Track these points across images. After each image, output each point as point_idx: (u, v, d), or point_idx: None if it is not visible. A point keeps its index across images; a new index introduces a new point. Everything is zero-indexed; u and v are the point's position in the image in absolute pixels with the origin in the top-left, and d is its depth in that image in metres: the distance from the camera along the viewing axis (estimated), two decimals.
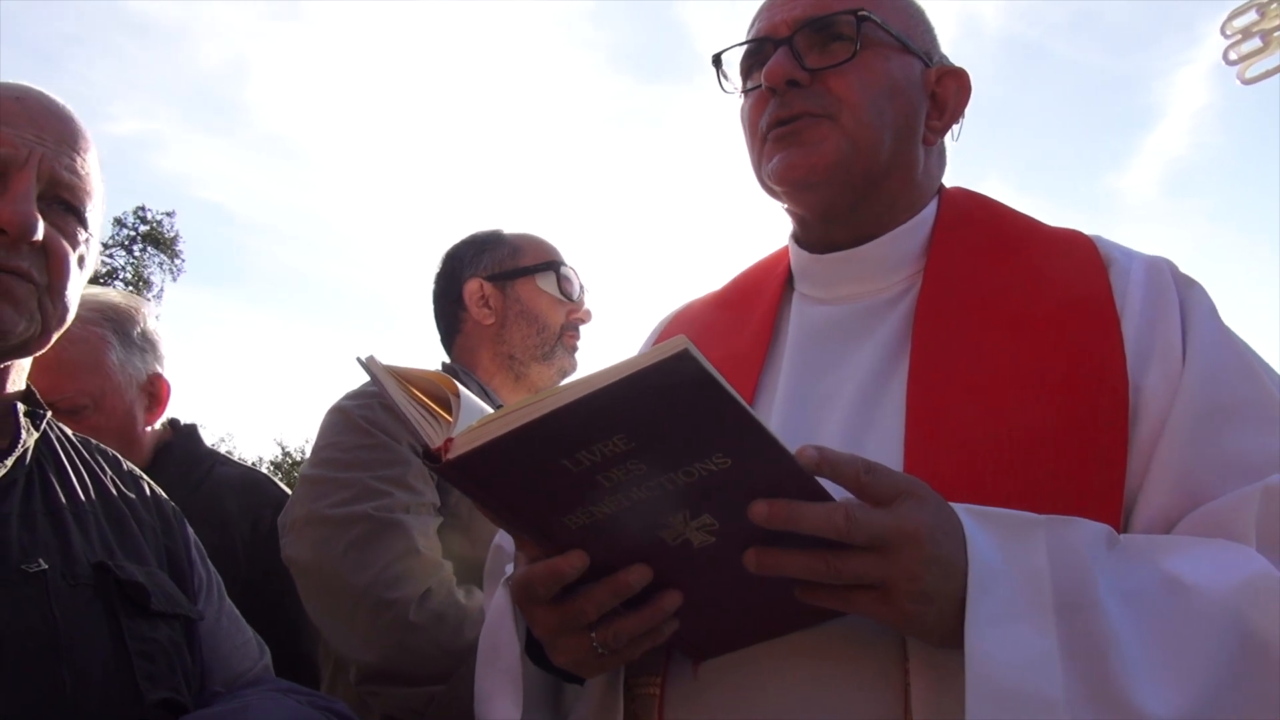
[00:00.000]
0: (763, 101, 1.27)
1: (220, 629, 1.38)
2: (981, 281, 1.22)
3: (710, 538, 0.93)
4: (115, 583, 1.21)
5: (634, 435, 0.83)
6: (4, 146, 1.18)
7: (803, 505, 0.88)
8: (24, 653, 1.09)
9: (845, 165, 1.23)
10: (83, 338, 2.01)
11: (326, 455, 1.93)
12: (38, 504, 1.22)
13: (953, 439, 1.09)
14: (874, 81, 1.24)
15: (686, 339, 0.78)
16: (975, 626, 0.91)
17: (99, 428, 2.00)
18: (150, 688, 1.18)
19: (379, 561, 1.77)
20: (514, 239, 2.25)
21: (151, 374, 2.15)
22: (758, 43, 1.29)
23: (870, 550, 0.90)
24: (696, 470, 0.86)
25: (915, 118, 1.29)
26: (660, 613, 0.99)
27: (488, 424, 0.86)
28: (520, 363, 2.16)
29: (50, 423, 1.33)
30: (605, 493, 0.89)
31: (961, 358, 1.15)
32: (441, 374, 0.97)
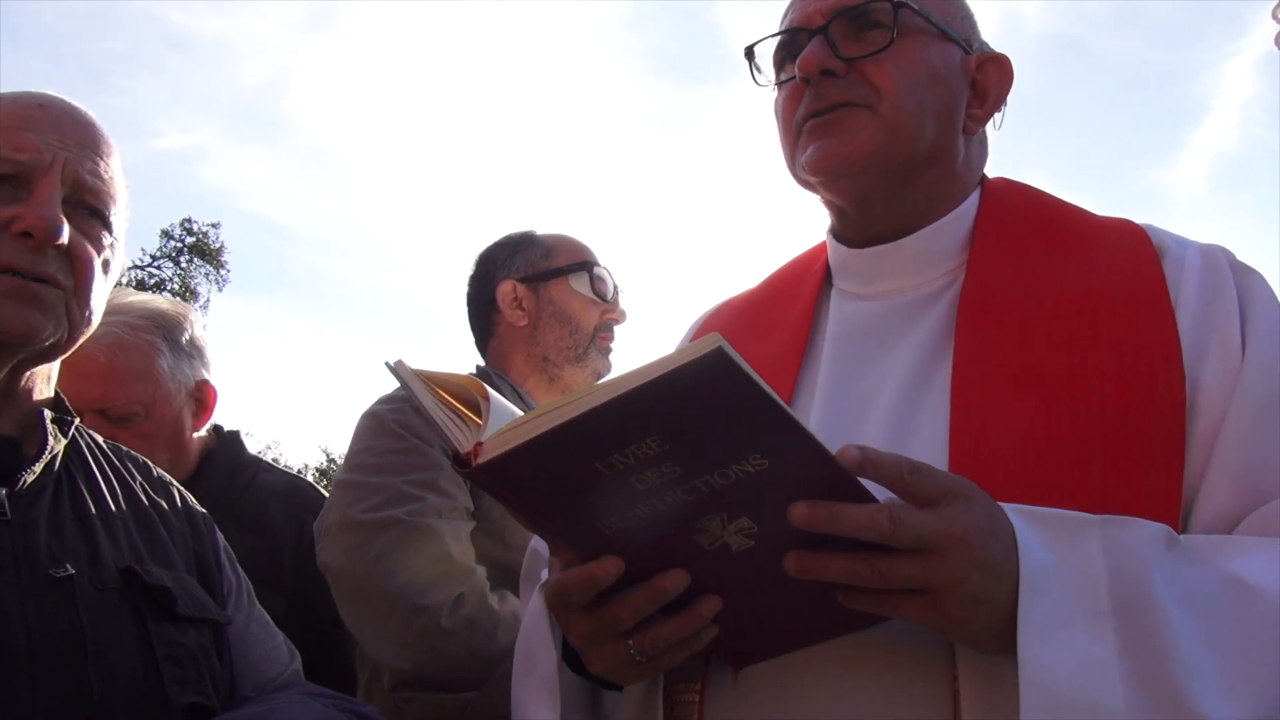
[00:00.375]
0: (797, 94, 1.24)
1: (250, 634, 1.38)
2: (1027, 274, 1.18)
3: (749, 541, 0.90)
4: (142, 587, 1.21)
5: (667, 437, 0.81)
6: (28, 152, 1.19)
7: (844, 506, 0.85)
8: (52, 658, 1.09)
9: (883, 154, 1.19)
10: (134, 345, 2.04)
11: (359, 460, 1.93)
12: (66, 510, 1.22)
13: (1000, 438, 1.05)
14: (912, 69, 1.20)
15: (720, 337, 0.75)
16: (1028, 632, 0.87)
17: (150, 434, 2.04)
18: (178, 692, 1.18)
19: (411, 567, 1.76)
20: (547, 240, 2.23)
21: (199, 380, 2.18)
22: (791, 33, 1.26)
23: (916, 553, 0.87)
24: (733, 472, 0.84)
25: (955, 106, 1.25)
26: (698, 619, 0.96)
27: (518, 427, 0.84)
28: (554, 364, 2.14)
29: (79, 429, 1.34)
30: (639, 496, 0.86)
31: (1007, 353, 1.11)
32: (471, 377, 0.95)
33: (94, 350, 2.00)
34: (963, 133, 1.26)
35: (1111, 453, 1.02)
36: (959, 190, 1.27)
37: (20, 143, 1.19)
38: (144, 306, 2.13)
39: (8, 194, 1.18)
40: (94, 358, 1.99)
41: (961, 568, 0.87)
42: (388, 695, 1.82)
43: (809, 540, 0.88)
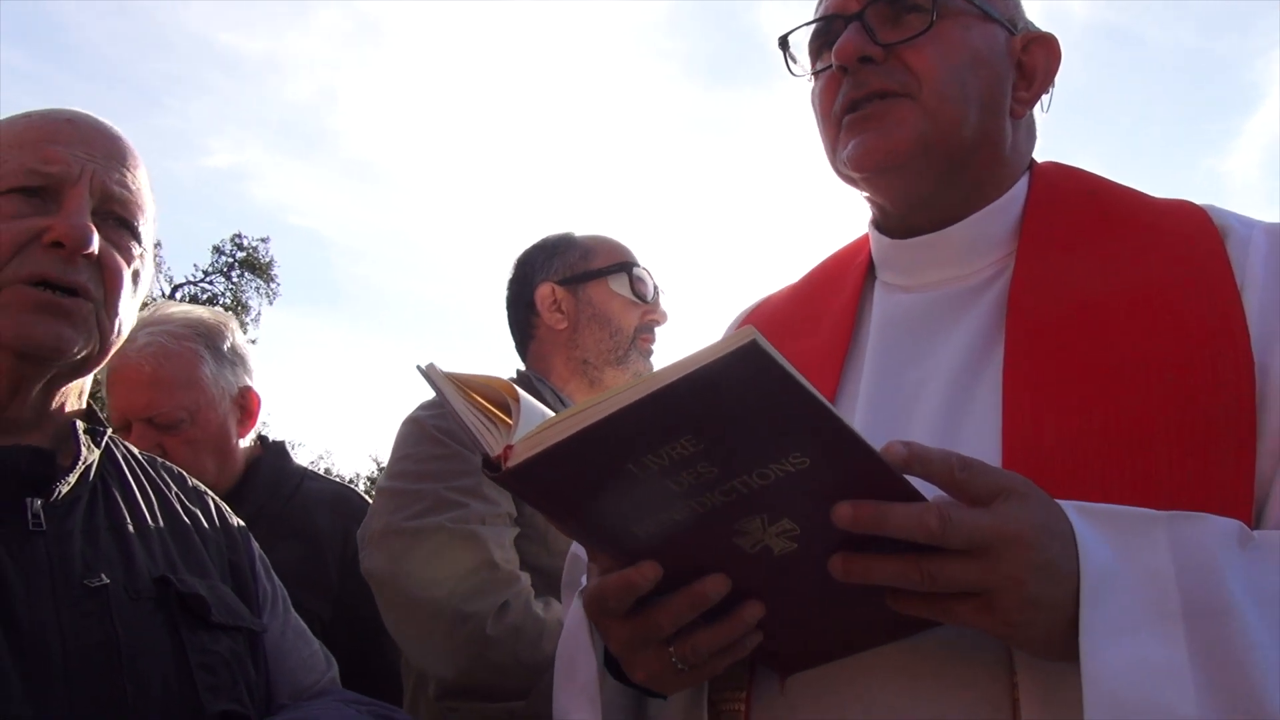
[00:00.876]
0: (834, 83, 1.20)
1: (286, 642, 1.39)
2: (1081, 260, 1.13)
3: (791, 544, 0.87)
4: (176, 596, 1.22)
5: (702, 436, 0.78)
6: (57, 164, 1.21)
7: (891, 506, 0.81)
8: (87, 667, 1.10)
9: (926, 146, 1.15)
10: (177, 353, 2.10)
11: (401, 467, 1.92)
12: (101, 519, 1.23)
13: (1055, 432, 1.00)
14: (954, 53, 1.15)
15: (754, 330, 0.72)
16: (1091, 637, 0.82)
17: (195, 440, 2.09)
18: (211, 699, 1.18)
19: (455, 574, 1.75)
20: (585, 241, 2.21)
21: (242, 387, 2.23)
22: (826, 21, 1.22)
23: (968, 554, 0.82)
24: (772, 472, 0.80)
25: (1001, 89, 1.20)
26: (741, 625, 0.93)
27: (548, 429, 0.81)
28: (594, 367, 2.11)
29: (112, 439, 1.35)
30: (675, 498, 0.83)
31: (1062, 344, 1.06)
32: (503, 379, 0.93)
33: (139, 360, 2.07)
34: (1010, 116, 1.21)
35: (1176, 446, 0.96)
36: (1007, 176, 1.22)
37: (50, 155, 1.21)
38: (185, 316, 2.19)
39: (38, 206, 1.20)
40: (139, 367, 2.06)
41: (1018, 569, 0.82)
42: (433, 704, 1.81)
43: (855, 541, 0.84)
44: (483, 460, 0.85)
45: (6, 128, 1.26)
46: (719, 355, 0.72)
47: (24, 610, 1.08)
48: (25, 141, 1.22)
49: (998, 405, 1.05)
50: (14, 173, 1.20)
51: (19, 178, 1.20)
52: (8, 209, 1.19)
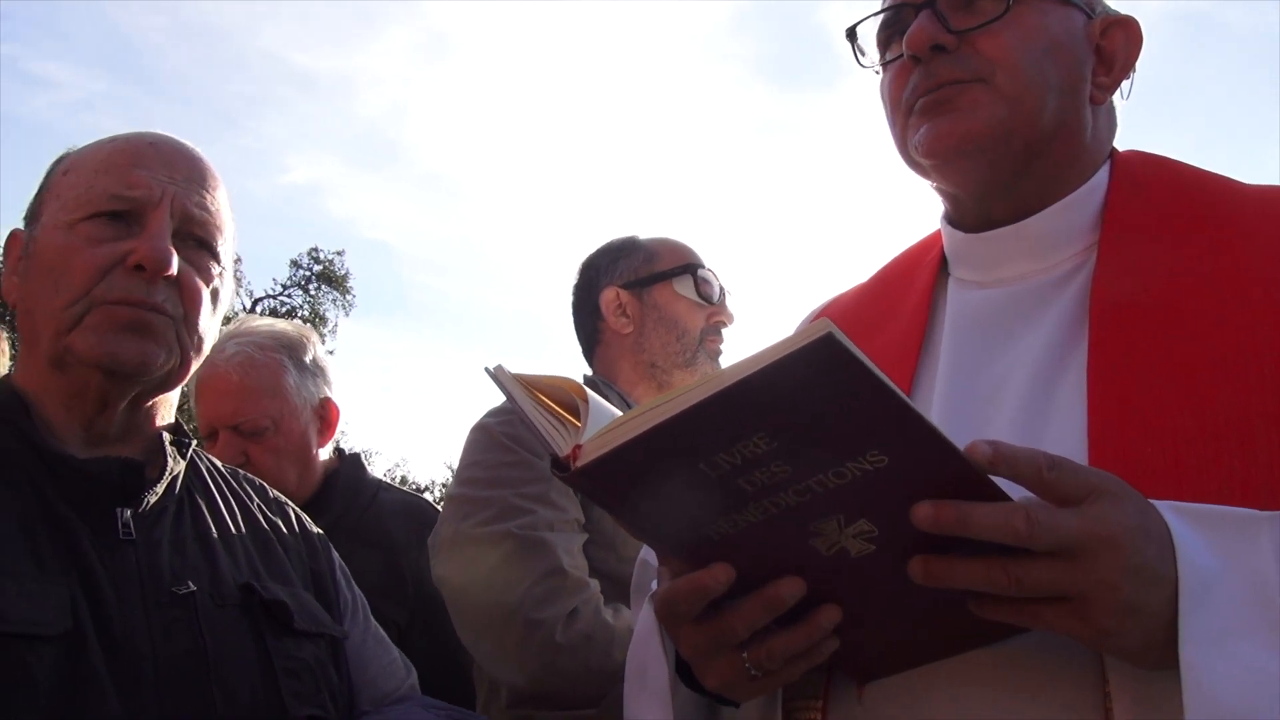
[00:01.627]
0: (904, 73, 1.16)
1: (366, 649, 1.40)
2: (1167, 251, 1.07)
3: (869, 546, 0.83)
4: (261, 603, 1.25)
5: (776, 434, 0.75)
6: (140, 189, 1.25)
7: (974, 506, 0.77)
8: (176, 673, 1.12)
9: (1003, 132, 1.10)
10: (263, 364, 2.18)
11: (470, 474, 1.92)
12: (187, 529, 1.26)
13: (1146, 430, 0.95)
14: (1030, 38, 1.11)
15: (830, 322, 0.69)
16: (1191, 644, 0.78)
17: (279, 449, 2.15)
18: (296, 705, 1.20)
19: (525, 581, 1.74)
20: (649, 244, 2.20)
21: (323, 398, 2.29)
22: (895, 9, 1.18)
23: (1057, 556, 0.78)
24: (849, 471, 0.77)
25: (1080, 75, 1.14)
26: (817, 630, 0.90)
27: (617, 428, 0.79)
28: (662, 370, 2.09)
29: (197, 452, 1.39)
30: (748, 498, 0.81)
31: (1149, 339, 1.01)
32: (571, 379, 0.92)
33: (227, 369, 2.15)
34: (1089, 103, 1.16)
35: (1276, 443, 0.91)
36: (1087, 165, 1.17)
37: (133, 180, 1.25)
38: (270, 329, 2.27)
39: (121, 229, 1.24)
40: (227, 376, 2.14)
41: (1111, 573, 0.78)
42: (505, 712, 1.81)
43: (937, 543, 0.81)
44: (551, 460, 0.84)
45: (93, 152, 1.30)
46: (793, 349, 0.70)
47: (117, 618, 1.11)
48: (111, 166, 1.27)
49: (1082, 404, 1.00)
50: (100, 197, 1.24)
51: (104, 202, 1.24)
52: (94, 233, 1.23)
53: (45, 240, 1.26)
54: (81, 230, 1.24)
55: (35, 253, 1.27)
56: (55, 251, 1.23)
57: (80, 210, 1.24)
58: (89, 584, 1.11)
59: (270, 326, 2.29)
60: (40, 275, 1.24)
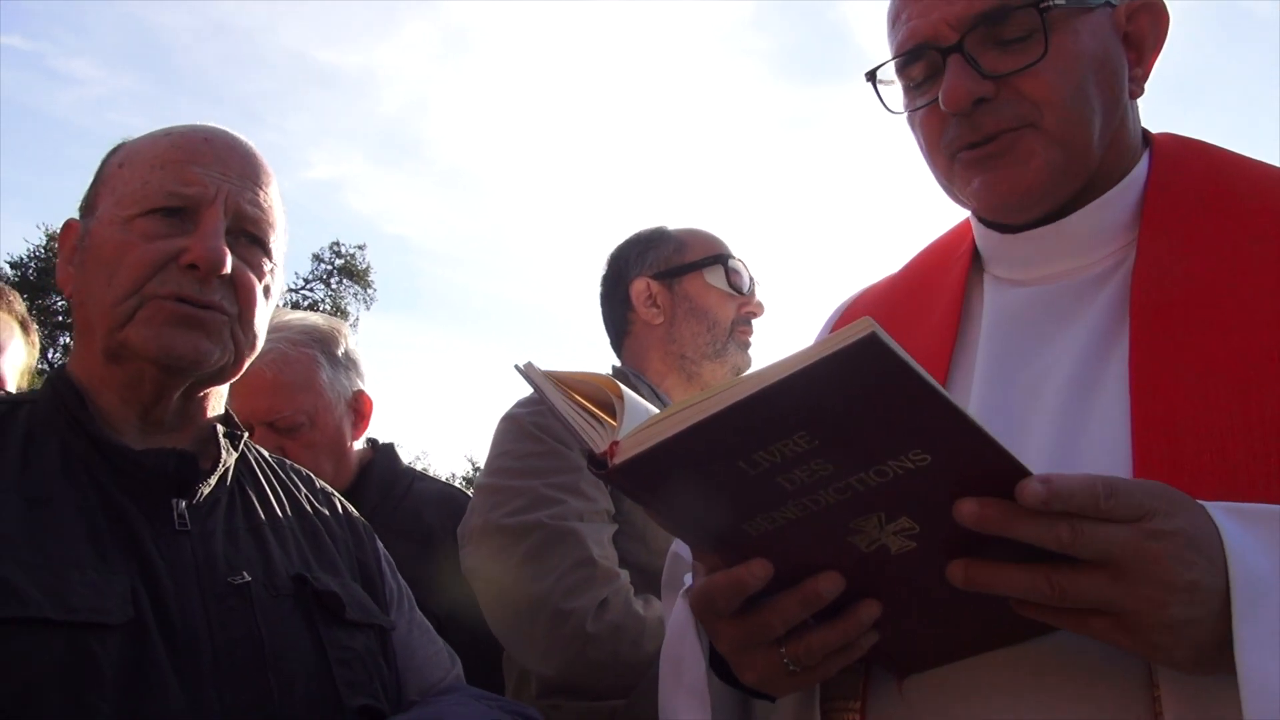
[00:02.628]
0: (938, 115, 1.10)
1: (413, 639, 1.41)
2: (1209, 242, 1.05)
3: (910, 543, 0.83)
4: (313, 593, 1.25)
5: (817, 433, 0.75)
6: (195, 186, 1.26)
7: (1019, 508, 0.77)
8: (234, 662, 1.13)
9: (1060, 174, 1.08)
10: (296, 359, 2.18)
11: (500, 464, 1.93)
12: (240, 520, 1.28)
13: (1189, 428, 0.94)
14: (1072, 69, 1.06)
15: (873, 321, 0.68)
16: (1248, 647, 0.77)
17: (314, 443, 2.15)
18: (351, 695, 1.21)
19: (554, 571, 1.74)
20: (679, 234, 2.18)
21: (355, 390, 2.29)
22: (915, 51, 1.11)
23: (1103, 568, 0.77)
24: (890, 469, 0.77)
25: (1120, 82, 1.11)
26: (856, 625, 0.90)
27: (656, 425, 0.79)
28: (692, 361, 2.09)
29: (247, 444, 1.40)
30: (788, 496, 0.80)
31: (1193, 334, 0.99)
32: (604, 376, 0.92)
33: (260, 366, 2.16)
34: (1128, 98, 1.13)
35: None
36: (1127, 160, 1.15)
37: (189, 177, 1.26)
38: (302, 323, 2.27)
39: (176, 226, 1.25)
40: (261, 373, 2.13)
41: (1158, 591, 0.77)
42: (535, 701, 1.81)
43: (979, 541, 0.80)
44: (587, 457, 0.83)
45: (149, 146, 1.31)
46: (836, 349, 0.69)
47: (175, 608, 1.12)
48: (166, 162, 1.27)
49: (1124, 403, 0.98)
50: (155, 194, 1.25)
51: (159, 199, 1.25)
52: (149, 229, 1.24)
53: (100, 234, 1.26)
54: (137, 226, 1.24)
55: (90, 245, 1.28)
56: (110, 246, 1.24)
57: (136, 206, 1.25)
58: (148, 574, 1.13)
59: (303, 320, 2.29)
60: (95, 269, 1.25)
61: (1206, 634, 0.78)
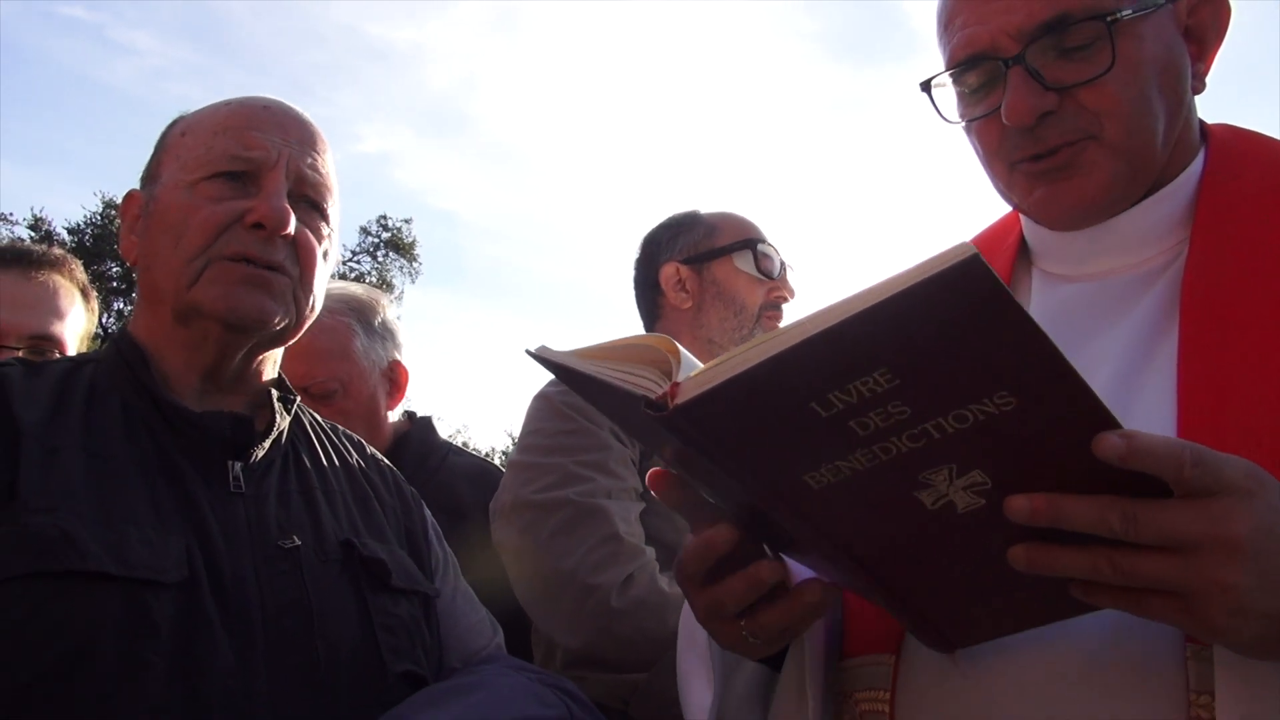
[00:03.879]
0: (997, 124, 1.08)
1: (456, 607, 1.43)
2: (1264, 242, 1.03)
3: (979, 500, 0.78)
4: (360, 560, 1.27)
5: (900, 369, 0.69)
6: (257, 150, 1.28)
7: (1069, 499, 0.74)
8: (282, 624, 1.15)
9: (1124, 183, 1.06)
10: (330, 327, 2.16)
11: (530, 441, 1.96)
12: (292, 483, 1.29)
13: (1240, 428, 0.91)
14: (1136, 78, 1.03)
15: (971, 244, 0.63)
16: None
17: (347, 411, 2.15)
18: (394, 660, 1.22)
19: (582, 546, 1.77)
20: (710, 219, 2.19)
21: (391, 361, 2.29)
22: (972, 60, 1.08)
23: (1168, 552, 0.74)
24: (972, 413, 0.71)
25: (1183, 83, 1.08)
26: (800, 607, 0.91)
27: (722, 364, 0.73)
28: (719, 346, 2.10)
29: (300, 407, 1.41)
30: (858, 443, 0.75)
31: (1244, 332, 0.96)
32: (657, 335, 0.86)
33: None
34: (1191, 94, 1.11)
35: None
36: (1186, 155, 1.13)
37: (251, 141, 1.28)
38: (340, 292, 2.27)
39: (239, 189, 1.27)
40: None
41: (1227, 574, 0.73)
42: (561, 673, 1.85)
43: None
44: (645, 403, 0.77)
45: (209, 115, 1.33)
46: (934, 271, 0.64)
47: (228, 569, 1.14)
48: (228, 128, 1.29)
49: (1171, 400, 0.96)
50: (219, 158, 1.27)
51: (223, 163, 1.27)
52: (213, 192, 1.26)
53: (166, 199, 1.28)
54: (202, 189, 1.26)
55: (155, 212, 1.29)
56: (176, 210, 1.26)
57: (200, 170, 1.27)
58: (203, 534, 1.14)
59: (341, 289, 2.29)
60: (161, 233, 1.27)
61: (1274, 630, 0.76)
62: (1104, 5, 1.02)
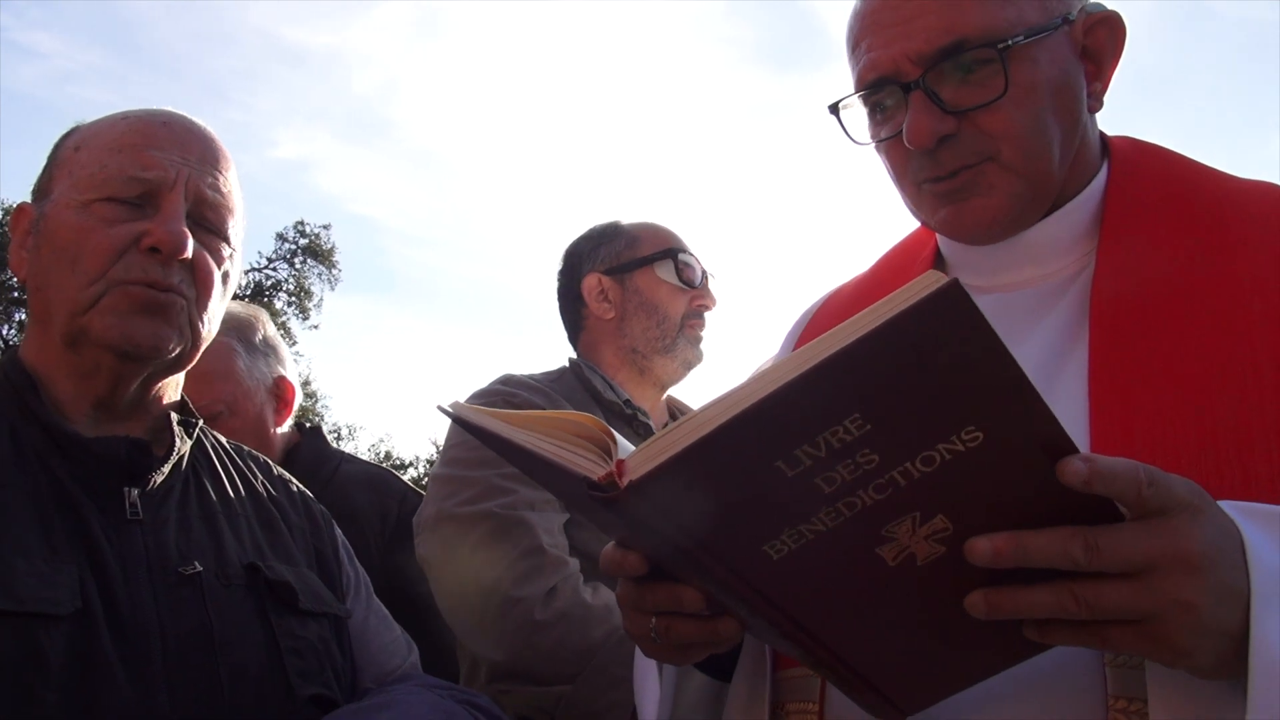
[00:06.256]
0: (902, 147, 1.10)
1: (369, 627, 1.41)
2: (1168, 251, 1.06)
3: (939, 548, 0.75)
4: (266, 583, 1.25)
5: (872, 412, 0.67)
6: (155, 170, 1.24)
7: (1030, 535, 0.73)
8: (183, 652, 1.13)
9: (1024, 203, 1.09)
10: (212, 349, 2.13)
11: (454, 455, 1.94)
12: (193, 508, 1.27)
13: (1150, 437, 0.93)
14: (1031, 101, 1.06)
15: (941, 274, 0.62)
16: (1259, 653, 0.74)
17: (235, 430, 2.11)
18: (301, 684, 1.21)
19: (505, 559, 1.77)
20: (631, 229, 2.20)
21: (276, 377, 2.27)
22: (876, 84, 1.11)
23: (1129, 577, 0.74)
24: (939, 454, 0.70)
25: (1078, 103, 1.11)
26: (713, 634, 0.91)
27: (675, 431, 0.69)
28: (643, 355, 2.11)
29: (203, 430, 1.39)
30: (822, 502, 0.72)
31: (1151, 343, 0.99)
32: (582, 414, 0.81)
33: None
34: (1087, 112, 1.15)
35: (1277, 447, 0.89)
36: (1087, 171, 1.16)
37: (148, 161, 1.25)
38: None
39: (135, 210, 1.23)
40: None
41: (1187, 592, 0.73)
42: (486, 687, 1.84)
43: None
44: (586, 485, 0.72)
45: (106, 129, 1.29)
46: (915, 300, 0.62)
47: (124, 598, 1.11)
48: (124, 145, 1.25)
49: (1083, 410, 0.98)
50: (114, 179, 1.23)
51: (119, 185, 1.23)
52: (108, 214, 1.22)
53: (58, 218, 1.24)
54: (96, 210, 1.23)
55: (46, 230, 1.25)
56: (70, 231, 1.22)
57: (94, 191, 1.23)
58: (97, 563, 1.12)
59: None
60: (54, 254, 1.23)
61: (1229, 643, 0.75)
62: (998, 32, 1.04)
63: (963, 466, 0.71)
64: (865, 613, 0.82)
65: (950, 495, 0.73)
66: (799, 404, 0.66)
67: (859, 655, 0.88)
